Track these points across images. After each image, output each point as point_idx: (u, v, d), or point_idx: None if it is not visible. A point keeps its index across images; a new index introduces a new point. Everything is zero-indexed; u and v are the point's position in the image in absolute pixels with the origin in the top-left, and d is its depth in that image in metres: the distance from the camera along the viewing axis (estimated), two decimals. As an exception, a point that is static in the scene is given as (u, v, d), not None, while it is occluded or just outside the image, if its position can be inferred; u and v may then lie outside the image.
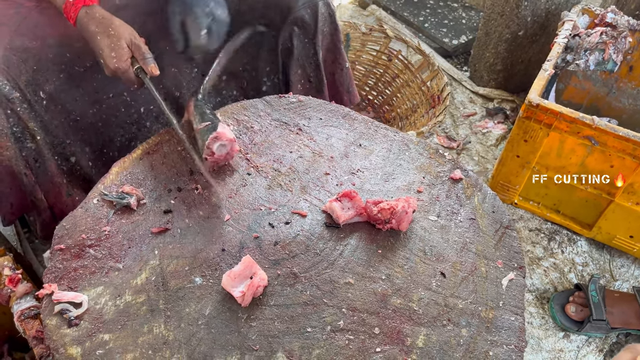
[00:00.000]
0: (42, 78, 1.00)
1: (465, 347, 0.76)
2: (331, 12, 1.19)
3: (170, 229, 0.87)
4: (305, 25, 1.18)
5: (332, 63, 1.31)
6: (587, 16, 1.63)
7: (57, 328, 0.74)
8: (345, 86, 1.35)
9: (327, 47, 1.27)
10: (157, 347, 0.73)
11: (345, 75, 1.34)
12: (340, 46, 1.25)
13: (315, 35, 1.19)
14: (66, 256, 0.82)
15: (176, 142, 1.01)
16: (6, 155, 1.00)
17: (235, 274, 0.77)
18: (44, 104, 1.01)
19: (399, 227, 0.87)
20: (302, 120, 1.08)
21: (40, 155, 1.03)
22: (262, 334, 0.75)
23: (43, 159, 1.03)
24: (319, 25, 1.17)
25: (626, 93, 1.74)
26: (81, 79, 1.05)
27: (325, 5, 1.17)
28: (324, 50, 1.25)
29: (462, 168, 1.01)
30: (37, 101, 1.00)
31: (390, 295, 0.80)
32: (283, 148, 1.02)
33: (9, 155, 0.99)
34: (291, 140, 1.03)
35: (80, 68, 1.04)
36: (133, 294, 0.78)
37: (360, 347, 0.74)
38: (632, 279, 1.48)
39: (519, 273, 0.86)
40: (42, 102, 1.01)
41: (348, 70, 1.35)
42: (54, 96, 1.03)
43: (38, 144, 1.01)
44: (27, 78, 0.99)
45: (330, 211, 0.88)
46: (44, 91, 1.02)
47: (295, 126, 1.06)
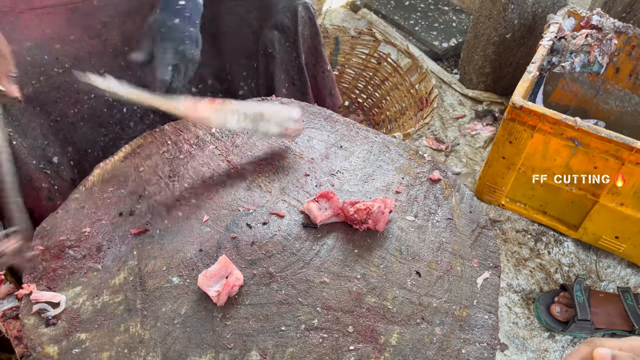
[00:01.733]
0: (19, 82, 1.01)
1: (439, 345, 0.77)
2: (311, 15, 1.20)
3: (150, 230, 0.88)
4: (285, 29, 1.19)
5: (314, 66, 1.32)
6: (573, 19, 1.64)
7: (35, 327, 0.76)
8: (328, 89, 1.36)
9: (308, 51, 1.28)
10: (132, 346, 0.74)
11: (327, 78, 1.35)
12: (321, 49, 1.26)
13: (296, 38, 1.20)
14: (45, 257, 0.83)
15: (159, 144, 1.03)
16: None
17: (211, 273, 0.78)
18: (20, 107, 1.02)
19: (375, 227, 0.88)
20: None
21: (17, 160, 1.03)
22: (236, 333, 0.76)
23: (19, 163, 1.03)
24: (299, 29, 1.18)
25: (613, 95, 1.75)
26: (61, 80, 1.06)
27: (305, 9, 1.18)
28: (305, 54, 1.27)
29: (441, 169, 1.02)
30: (12, 105, 1.01)
31: (365, 294, 0.81)
32: (264, 150, 1.03)
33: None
34: (272, 142, 1.05)
35: (60, 69, 1.05)
36: (111, 294, 0.79)
37: (334, 346, 0.75)
38: (618, 279, 1.49)
39: (494, 272, 0.87)
40: (19, 105, 1.01)
41: (330, 73, 1.36)
42: (32, 98, 1.03)
43: (14, 148, 1.02)
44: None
45: (308, 211, 0.90)
46: (22, 94, 1.01)
47: (277, 128, 1.08)
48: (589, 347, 0.56)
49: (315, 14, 1.21)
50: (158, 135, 1.05)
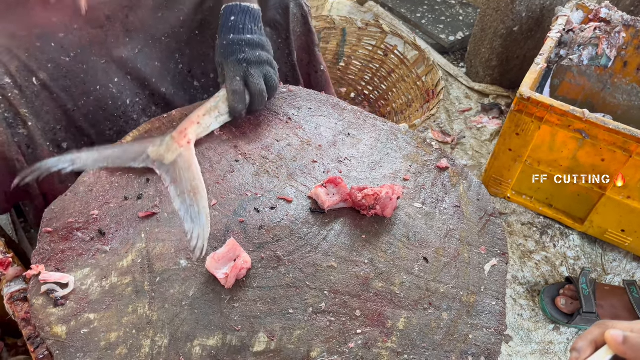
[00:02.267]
0: (34, 65, 1.02)
1: (446, 330, 0.77)
2: (304, 13, 1.19)
3: (158, 213, 0.88)
4: (277, 25, 1.18)
5: (307, 65, 1.32)
6: (582, 11, 1.64)
7: (43, 308, 0.76)
8: (321, 88, 1.35)
9: (301, 48, 1.27)
10: (141, 326, 0.74)
11: (320, 77, 1.34)
12: (314, 48, 1.24)
13: (288, 35, 1.19)
14: (54, 238, 0.84)
15: (167, 129, 1.03)
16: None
17: (219, 256, 0.78)
18: (35, 90, 1.02)
19: (383, 214, 0.88)
20: (292, 110, 1.09)
21: (32, 142, 1.04)
22: (244, 315, 0.76)
23: (35, 145, 1.04)
24: (291, 26, 1.17)
25: (621, 89, 1.74)
26: (68, 69, 1.06)
27: (297, 6, 1.17)
28: (298, 51, 1.25)
29: (448, 157, 1.02)
30: (28, 87, 1.01)
31: (373, 279, 0.81)
32: (272, 136, 1.03)
33: (2, 141, 1.00)
34: (280, 128, 1.05)
35: (66, 57, 1.05)
36: (119, 276, 0.80)
37: (341, 329, 0.75)
38: (623, 272, 1.48)
39: (501, 259, 0.87)
40: (34, 88, 1.02)
41: (324, 72, 1.34)
42: (47, 84, 1.04)
43: (30, 130, 1.02)
44: (18, 65, 1.00)
45: (316, 197, 0.90)
46: (38, 78, 1.03)
47: (284, 115, 1.08)
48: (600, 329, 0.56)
49: (308, 12, 1.20)
50: (166, 120, 1.05)
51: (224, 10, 1.02)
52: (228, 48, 1.00)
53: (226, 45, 1.00)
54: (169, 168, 0.91)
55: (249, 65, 0.99)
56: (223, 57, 1.01)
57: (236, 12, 1.01)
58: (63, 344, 0.72)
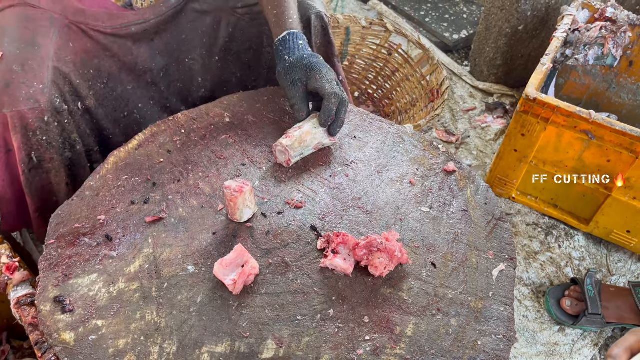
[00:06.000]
0: (83, 92, 1.05)
1: (454, 337, 0.77)
2: (324, 25, 1.19)
3: (164, 218, 0.88)
4: None
5: None
6: (587, 11, 1.62)
7: (51, 314, 0.76)
8: None
9: None
10: (149, 333, 0.74)
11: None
12: (334, 60, 1.24)
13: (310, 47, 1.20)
14: (61, 244, 0.84)
15: (173, 133, 1.02)
16: (47, 168, 1.03)
17: (227, 262, 0.78)
18: (79, 114, 1.06)
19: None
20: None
21: (75, 164, 1.07)
22: (252, 322, 0.76)
23: (77, 167, 1.07)
24: (312, 39, 1.17)
25: (626, 88, 1.73)
26: (103, 97, 1.10)
27: (318, 19, 1.17)
28: None
29: (455, 160, 1.02)
30: (76, 112, 1.05)
31: (381, 285, 0.81)
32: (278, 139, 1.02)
33: (53, 167, 1.03)
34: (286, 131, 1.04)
35: (100, 84, 1.08)
36: (126, 282, 0.80)
37: (350, 335, 0.75)
38: (628, 273, 1.48)
39: (509, 264, 0.87)
40: (78, 112, 1.05)
41: (343, 82, 1.33)
42: (91, 110, 1.08)
43: (75, 152, 1.06)
44: (70, 89, 1.02)
45: (333, 267, 0.82)
46: (83, 103, 1.06)
47: (291, 119, 1.07)
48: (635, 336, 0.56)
49: (328, 23, 1.20)
50: (172, 123, 1.04)
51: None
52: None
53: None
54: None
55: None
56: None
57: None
58: (72, 351, 0.72)
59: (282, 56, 0.99)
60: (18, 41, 0.98)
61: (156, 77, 1.15)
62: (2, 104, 0.94)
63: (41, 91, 0.96)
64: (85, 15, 1.05)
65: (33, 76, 0.96)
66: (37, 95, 0.96)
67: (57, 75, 1.00)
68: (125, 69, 1.11)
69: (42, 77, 0.97)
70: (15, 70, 0.95)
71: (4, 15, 1.01)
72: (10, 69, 0.95)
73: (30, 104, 0.95)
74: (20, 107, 0.94)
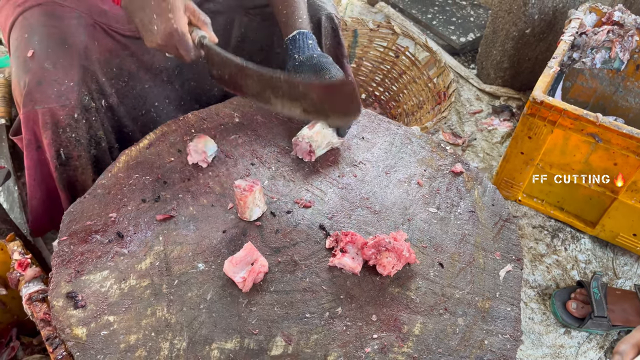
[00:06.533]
0: (107, 90, 1.06)
1: (461, 336, 0.77)
2: (334, 26, 1.20)
3: (175, 217, 0.89)
4: None
5: None
6: (595, 14, 1.63)
7: (64, 309, 0.77)
8: None
9: None
10: (159, 329, 0.75)
11: None
12: (343, 60, 1.25)
13: (320, 48, 1.20)
14: (73, 241, 0.85)
15: (183, 132, 1.04)
16: (74, 165, 1.05)
17: (236, 260, 0.79)
18: (103, 111, 1.07)
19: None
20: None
21: (100, 162, 1.08)
22: (261, 319, 0.76)
23: (101, 164, 1.08)
24: (322, 40, 1.18)
25: (633, 92, 1.73)
26: (124, 95, 1.11)
27: (328, 20, 1.18)
28: None
29: (463, 162, 1.02)
30: (101, 110, 1.06)
31: (388, 284, 0.82)
32: (286, 140, 1.04)
33: (80, 164, 1.05)
34: (295, 132, 1.05)
35: (122, 82, 1.10)
36: (137, 278, 0.81)
37: (358, 334, 0.76)
38: (635, 277, 1.48)
39: (516, 265, 0.87)
40: (102, 110, 1.07)
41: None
42: (113, 108, 1.09)
43: (100, 149, 1.07)
44: (96, 87, 1.04)
45: (342, 266, 0.84)
46: (107, 101, 1.08)
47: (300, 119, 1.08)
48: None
49: (338, 24, 1.21)
50: (182, 123, 1.06)
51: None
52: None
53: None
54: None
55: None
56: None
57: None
58: (83, 346, 0.73)
59: (292, 55, 1.00)
60: (48, 39, 0.98)
61: (171, 75, 1.17)
62: (34, 101, 0.95)
63: (72, 89, 0.97)
64: (107, 17, 1.06)
65: (64, 74, 0.97)
66: (67, 93, 0.97)
67: (85, 73, 1.01)
68: (143, 68, 1.12)
69: (73, 75, 0.98)
70: (47, 67, 0.96)
71: (32, 13, 1.02)
72: (42, 67, 0.96)
73: (61, 101, 0.96)
74: (52, 104, 0.95)
